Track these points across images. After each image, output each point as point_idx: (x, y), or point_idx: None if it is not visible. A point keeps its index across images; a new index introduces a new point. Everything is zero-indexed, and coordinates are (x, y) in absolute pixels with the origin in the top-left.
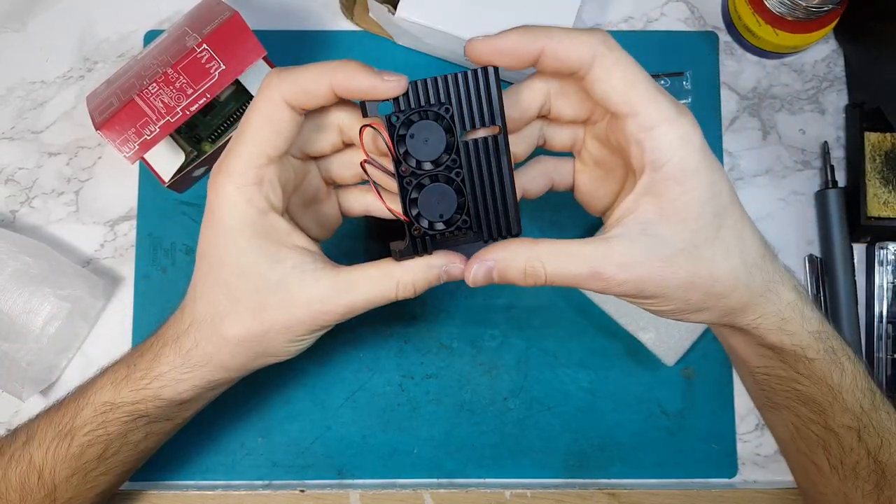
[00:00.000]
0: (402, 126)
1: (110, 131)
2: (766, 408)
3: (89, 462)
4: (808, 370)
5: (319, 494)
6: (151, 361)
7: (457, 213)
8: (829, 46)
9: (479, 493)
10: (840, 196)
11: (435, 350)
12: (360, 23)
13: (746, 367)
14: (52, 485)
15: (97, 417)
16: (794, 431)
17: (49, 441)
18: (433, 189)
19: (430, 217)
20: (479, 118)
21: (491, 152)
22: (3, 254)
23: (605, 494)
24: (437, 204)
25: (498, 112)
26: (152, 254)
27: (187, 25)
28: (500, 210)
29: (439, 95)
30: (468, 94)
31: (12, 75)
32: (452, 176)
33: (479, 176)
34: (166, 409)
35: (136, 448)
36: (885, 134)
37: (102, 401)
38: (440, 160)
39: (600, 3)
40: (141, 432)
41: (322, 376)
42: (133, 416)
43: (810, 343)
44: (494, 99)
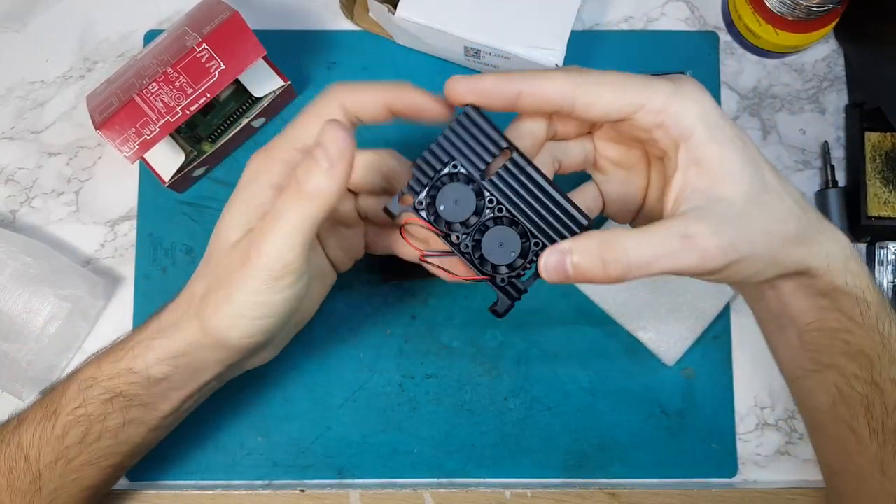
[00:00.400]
0: (429, 206)
1: (110, 131)
2: (809, 374)
3: (71, 447)
4: (865, 316)
5: (319, 494)
6: (133, 333)
7: (524, 241)
8: (830, 46)
9: (480, 493)
10: (840, 196)
11: (435, 350)
12: (360, 23)
13: (794, 329)
14: (37, 470)
15: (80, 395)
16: (836, 395)
17: (37, 422)
18: (491, 237)
19: (504, 262)
20: (486, 153)
21: (517, 172)
22: (4, 254)
23: (605, 494)
24: (503, 247)
25: (499, 138)
26: (152, 254)
27: (187, 25)
28: (558, 214)
29: (441, 158)
30: (466, 140)
31: (12, 75)
32: (497, 214)
33: (520, 198)
34: (139, 388)
35: (116, 437)
36: (886, 134)
37: (86, 376)
38: (478, 208)
39: (600, 3)
40: (118, 417)
41: (322, 376)
42: (111, 393)
43: (869, 284)
44: (488, 130)
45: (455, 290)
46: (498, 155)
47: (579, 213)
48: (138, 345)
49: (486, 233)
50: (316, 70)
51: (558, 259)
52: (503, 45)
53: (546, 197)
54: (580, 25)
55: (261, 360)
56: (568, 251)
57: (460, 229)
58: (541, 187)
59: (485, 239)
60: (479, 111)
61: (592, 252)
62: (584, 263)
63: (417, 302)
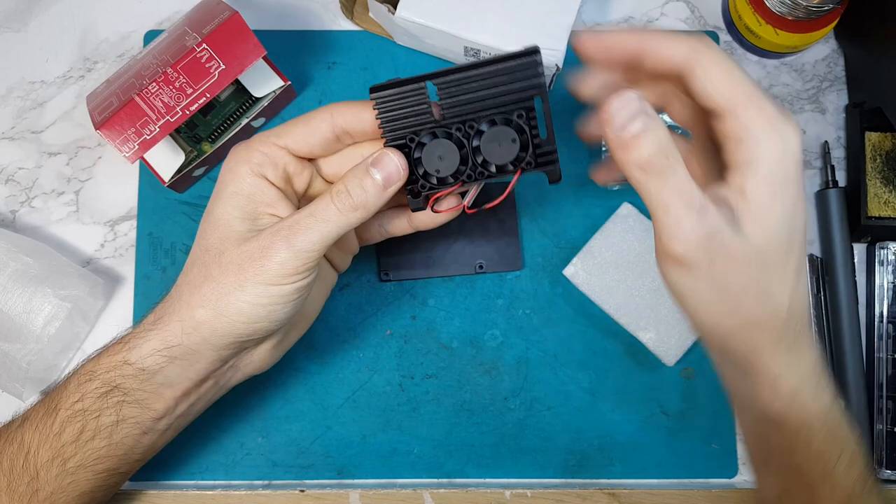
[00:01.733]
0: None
1: (110, 131)
2: (758, 465)
3: (66, 446)
4: (806, 447)
5: (319, 494)
6: (132, 328)
7: (509, 122)
8: (830, 46)
9: (479, 493)
10: (840, 196)
11: (435, 350)
12: (360, 22)
13: (749, 419)
14: (35, 469)
15: (79, 389)
16: (782, 494)
17: (39, 419)
18: (486, 146)
19: (512, 153)
20: (420, 106)
21: (453, 89)
22: (4, 254)
23: (605, 494)
24: (501, 144)
25: (416, 86)
26: (152, 254)
27: (187, 25)
28: (509, 79)
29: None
30: (399, 112)
31: (12, 75)
32: (472, 129)
33: (475, 101)
34: (134, 381)
35: (110, 437)
36: (886, 134)
37: (85, 370)
38: (460, 145)
39: (600, 2)
40: (112, 413)
41: (322, 376)
42: (107, 386)
43: (816, 420)
44: (404, 91)
45: (455, 290)
46: (427, 98)
47: (521, 57)
48: (134, 337)
49: (477, 150)
50: (316, 70)
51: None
52: (503, 45)
53: (489, 78)
54: (580, 25)
55: (260, 365)
56: (648, 113)
57: (464, 170)
58: (477, 78)
59: (484, 151)
60: (381, 88)
61: (663, 133)
62: (655, 132)
63: (417, 302)
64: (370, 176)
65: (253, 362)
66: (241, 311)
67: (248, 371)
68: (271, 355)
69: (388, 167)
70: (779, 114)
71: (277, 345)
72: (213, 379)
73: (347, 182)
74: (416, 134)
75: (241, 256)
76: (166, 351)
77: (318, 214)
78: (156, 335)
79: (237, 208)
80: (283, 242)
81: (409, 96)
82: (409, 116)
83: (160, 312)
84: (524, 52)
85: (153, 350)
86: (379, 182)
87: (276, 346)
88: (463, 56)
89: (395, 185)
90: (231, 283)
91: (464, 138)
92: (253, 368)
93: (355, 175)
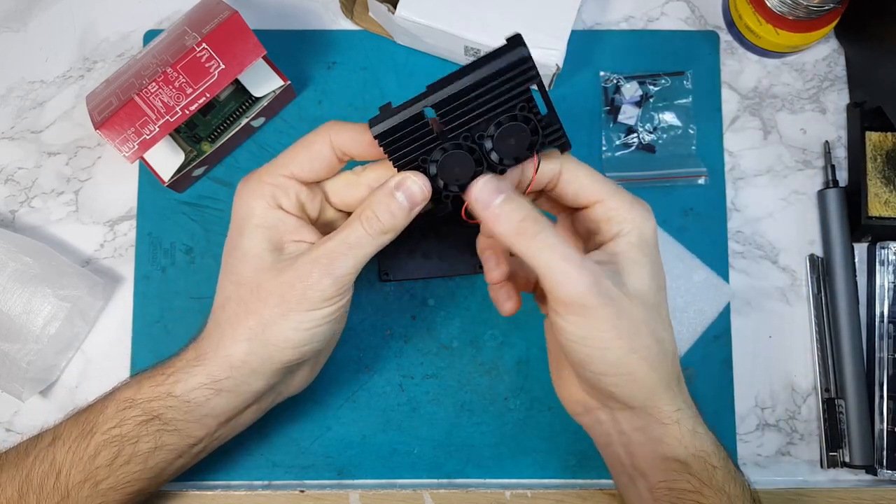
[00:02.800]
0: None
1: (110, 131)
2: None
3: (100, 468)
4: (711, 479)
5: (319, 494)
6: (173, 359)
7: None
8: (830, 46)
9: (479, 494)
10: (841, 195)
11: (435, 350)
12: (360, 22)
13: (645, 483)
14: (66, 489)
15: (118, 415)
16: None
17: (73, 440)
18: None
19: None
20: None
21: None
22: (3, 254)
23: (605, 495)
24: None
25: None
26: (152, 254)
27: (187, 25)
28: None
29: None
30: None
31: (12, 75)
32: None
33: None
34: (176, 413)
35: (145, 462)
36: (886, 133)
37: (124, 397)
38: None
39: (600, 3)
40: (151, 441)
41: (322, 376)
42: (147, 415)
43: (714, 450)
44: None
45: (455, 290)
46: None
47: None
48: (178, 371)
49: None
50: (316, 70)
51: (496, 187)
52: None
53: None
54: (580, 25)
55: (299, 386)
56: (504, 191)
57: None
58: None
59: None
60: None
61: (523, 203)
62: (513, 202)
63: (417, 302)
64: (395, 200)
65: (294, 385)
66: (289, 338)
67: (288, 393)
68: (311, 375)
69: (412, 189)
70: (634, 200)
71: (315, 364)
72: (255, 404)
73: (375, 208)
74: (427, 154)
75: (281, 287)
76: (213, 385)
77: (351, 241)
78: (201, 371)
79: (264, 240)
80: (324, 271)
81: (409, 126)
82: (415, 142)
83: (201, 349)
84: (508, 46)
85: (199, 384)
86: (405, 205)
87: (315, 365)
88: (463, 56)
89: (420, 206)
90: (275, 313)
91: (474, 145)
92: (293, 390)
93: (381, 200)
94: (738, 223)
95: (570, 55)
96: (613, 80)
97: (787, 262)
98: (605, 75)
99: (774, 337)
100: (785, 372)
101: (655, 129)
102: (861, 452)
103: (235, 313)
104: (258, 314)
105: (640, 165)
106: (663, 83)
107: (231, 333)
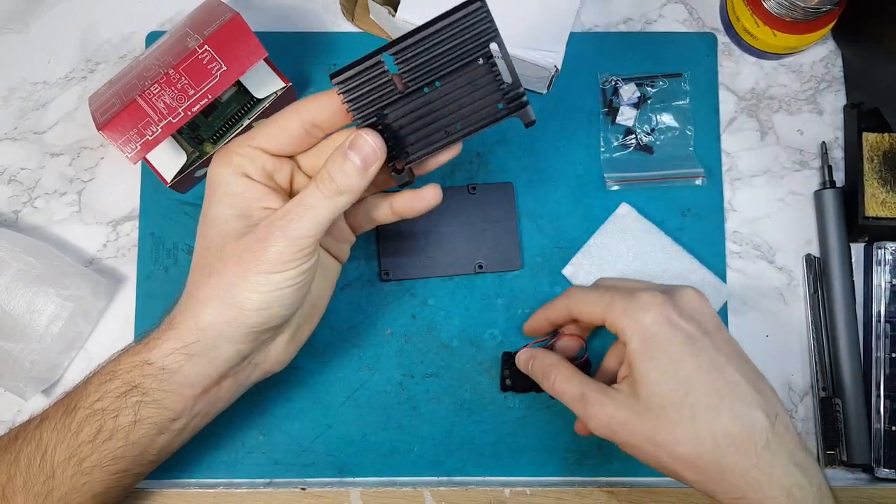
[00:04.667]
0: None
1: (112, 132)
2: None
3: (83, 445)
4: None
5: (320, 492)
6: (152, 330)
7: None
8: (827, 47)
9: (479, 492)
10: (838, 196)
11: (435, 349)
12: (360, 24)
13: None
14: (51, 468)
15: (100, 388)
16: None
17: (58, 418)
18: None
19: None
20: (381, 79)
21: (413, 53)
22: (6, 254)
23: (604, 493)
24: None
25: (374, 61)
26: (154, 254)
27: (189, 27)
28: (462, 30)
29: (368, 115)
30: (364, 89)
31: (15, 76)
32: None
33: (440, 57)
34: (154, 381)
35: (127, 437)
36: (883, 134)
37: (106, 370)
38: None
39: (599, 4)
40: (130, 413)
41: (323, 375)
42: (127, 386)
43: (826, 495)
44: (365, 66)
45: (455, 290)
46: (387, 72)
47: (467, 6)
48: (153, 339)
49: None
50: (317, 71)
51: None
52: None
53: (442, 35)
54: (579, 27)
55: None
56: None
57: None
58: (430, 39)
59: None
60: (340, 72)
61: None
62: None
63: (417, 302)
64: (349, 159)
65: (270, 358)
66: (250, 299)
67: (267, 368)
68: (287, 350)
69: (364, 148)
70: (628, 304)
71: (292, 338)
72: (232, 377)
73: (329, 168)
74: (386, 108)
75: (240, 248)
76: (184, 349)
77: (306, 202)
78: (173, 335)
79: (230, 206)
80: (279, 232)
81: (368, 73)
82: (374, 93)
83: (174, 314)
84: (468, 1)
85: (172, 349)
86: (358, 164)
87: (291, 339)
88: None
89: (375, 165)
90: (234, 274)
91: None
92: (271, 365)
93: (335, 160)
94: (735, 223)
95: (568, 57)
96: (612, 82)
97: (784, 262)
98: (604, 77)
99: (771, 336)
100: (782, 371)
101: (653, 131)
102: (858, 451)
103: (201, 277)
104: (220, 275)
105: (639, 166)
106: (661, 85)
107: (196, 296)
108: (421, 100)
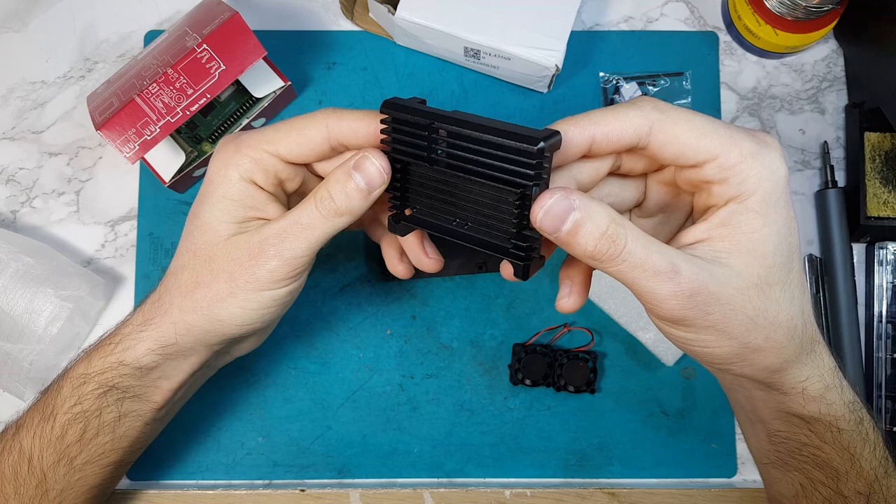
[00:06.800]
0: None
1: (111, 131)
2: (774, 465)
3: (71, 446)
4: (836, 439)
5: (320, 494)
6: (121, 326)
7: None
8: (829, 46)
9: (479, 493)
10: (840, 196)
11: (435, 350)
12: (360, 23)
13: (763, 427)
14: (42, 473)
15: (74, 393)
16: (799, 490)
17: (35, 425)
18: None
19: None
20: (425, 139)
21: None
22: (5, 254)
23: (604, 494)
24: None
25: (425, 121)
26: (153, 254)
27: (187, 26)
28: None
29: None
30: (407, 138)
31: (13, 75)
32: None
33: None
34: (131, 380)
35: (113, 431)
36: (885, 134)
37: (77, 374)
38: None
39: (600, 3)
40: (113, 410)
41: (322, 376)
42: (104, 387)
43: (844, 414)
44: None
45: (455, 290)
46: (437, 139)
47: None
48: (126, 338)
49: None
50: (316, 70)
51: (564, 207)
52: (503, 45)
53: (494, 148)
54: (580, 26)
55: (248, 347)
56: (576, 207)
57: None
58: (483, 142)
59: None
60: (393, 106)
61: (599, 220)
62: (586, 225)
63: (417, 302)
64: (352, 180)
65: (242, 347)
66: (234, 314)
67: (237, 354)
68: (260, 339)
69: (370, 170)
70: (757, 146)
71: (266, 329)
72: (205, 367)
73: (330, 187)
74: (416, 162)
75: (231, 264)
76: (161, 350)
77: (303, 221)
78: (149, 336)
79: (225, 213)
80: (273, 250)
81: (419, 128)
82: (415, 147)
83: (149, 314)
84: (539, 133)
85: (148, 350)
86: (362, 187)
87: (266, 330)
88: (463, 56)
89: (377, 190)
90: (223, 289)
91: (455, 176)
92: (242, 352)
93: (337, 179)
94: None
95: (569, 56)
96: (613, 81)
97: None
98: (605, 76)
99: None
100: None
101: None
102: None
103: (187, 283)
104: (208, 288)
105: None
106: (662, 84)
107: (180, 303)
108: (451, 179)
